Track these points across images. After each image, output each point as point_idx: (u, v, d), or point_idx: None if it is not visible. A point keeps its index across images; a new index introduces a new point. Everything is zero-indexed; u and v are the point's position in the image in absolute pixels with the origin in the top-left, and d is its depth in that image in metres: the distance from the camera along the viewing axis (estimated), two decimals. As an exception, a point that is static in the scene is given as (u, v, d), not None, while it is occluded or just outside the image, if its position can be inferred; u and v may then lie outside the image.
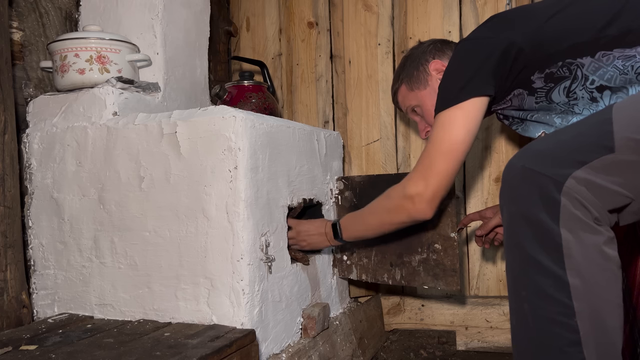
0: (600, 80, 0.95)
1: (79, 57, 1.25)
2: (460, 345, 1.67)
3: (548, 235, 0.76)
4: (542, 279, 0.76)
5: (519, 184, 0.80)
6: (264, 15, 1.99)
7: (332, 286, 1.48)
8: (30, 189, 1.29)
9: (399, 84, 1.30)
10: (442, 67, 1.21)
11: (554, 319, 0.75)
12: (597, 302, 0.75)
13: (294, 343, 1.23)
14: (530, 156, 0.81)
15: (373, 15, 1.83)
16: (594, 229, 0.75)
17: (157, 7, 1.38)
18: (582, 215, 0.74)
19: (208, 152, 1.10)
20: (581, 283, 0.74)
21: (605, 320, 0.75)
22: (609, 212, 0.76)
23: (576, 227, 0.75)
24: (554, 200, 0.75)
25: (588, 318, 0.74)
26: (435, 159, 1.03)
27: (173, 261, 1.13)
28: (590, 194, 0.74)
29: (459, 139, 1.01)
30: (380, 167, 1.81)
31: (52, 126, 1.27)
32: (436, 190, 1.04)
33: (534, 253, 0.77)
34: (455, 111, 1.01)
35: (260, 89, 1.55)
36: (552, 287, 0.75)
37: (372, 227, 1.19)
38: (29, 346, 0.98)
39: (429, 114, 1.22)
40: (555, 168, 0.77)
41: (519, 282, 0.80)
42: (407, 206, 1.07)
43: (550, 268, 0.76)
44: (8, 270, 1.15)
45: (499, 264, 1.71)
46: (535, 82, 1.02)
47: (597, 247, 0.75)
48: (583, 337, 0.74)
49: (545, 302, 0.76)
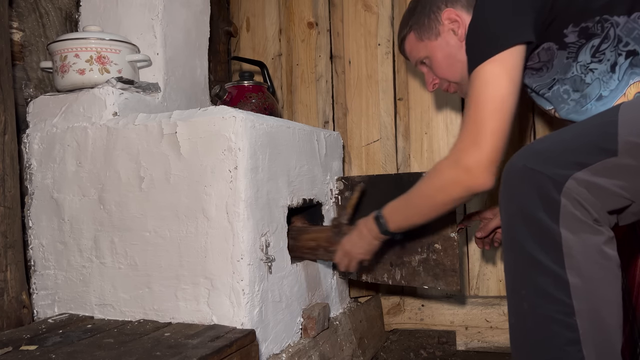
0: (635, 44, 0.91)
1: (79, 57, 1.25)
2: (460, 345, 1.67)
3: (548, 235, 0.76)
4: (541, 278, 0.76)
5: (518, 183, 0.80)
6: (264, 16, 1.99)
7: (332, 286, 1.48)
8: (31, 189, 1.29)
9: (407, 31, 1.18)
10: (456, 17, 1.10)
11: (553, 318, 0.75)
12: (596, 301, 0.75)
13: (294, 343, 1.23)
14: (531, 155, 0.80)
15: (373, 16, 1.83)
16: (594, 229, 0.75)
17: (157, 7, 1.38)
18: (581, 215, 0.74)
19: (208, 152, 1.10)
20: (581, 282, 0.74)
21: (604, 320, 0.75)
22: (609, 213, 0.76)
23: (576, 227, 0.75)
24: (554, 201, 0.75)
25: (587, 317, 0.74)
26: (483, 120, 0.91)
27: (173, 261, 1.13)
28: (590, 195, 0.74)
29: (505, 92, 0.91)
30: (380, 167, 1.81)
31: (52, 126, 1.27)
32: (492, 154, 0.92)
33: (534, 252, 0.77)
34: (493, 64, 0.91)
35: (260, 89, 1.55)
36: (551, 286, 0.75)
37: (423, 211, 1.06)
38: (29, 346, 0.98)
39: (438, 67, 1.15)
40: (556, 168, 0.76)
41: (518, 281, 0.80)
42: (463, 178, 0.94)
43: (550, 267, 0.75)
44: (8, 270, 1.15)
45: (499, 264, 1.71)
46: (569, 35, 0.95)
47: (597, 246, 0.75)
48: (582, 336, 0.74)
49: (545, 300, 0.76)
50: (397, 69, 1.80)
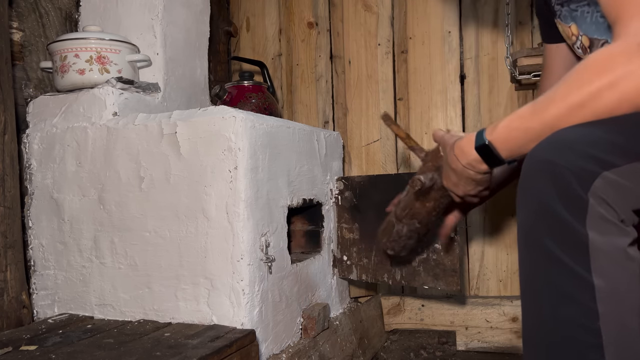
0: None
1: (79, 57, 1.25)
2: (460, 346, 1.67)
3: (573, 235, 0.71)
4: (565, 281, 0.73)
5: (541, 178, 0.74)
6: (263, 16, 1.99)
7: (332, 286, 1.48)
8: (30, 189, 1.29)
9: None
10: None
11: (576, 322, 0.72)
12: (620, 305, 0.72)
13: (294, 343, 1.23)
14: (556, 148, 0.73)
15: (373, 16, 1.83)
16: (620, 229, 0.71)
17: (157, 7, 1.38)
18: (609, 215, 0.70)
19: (208, 153, 1.10)
20: (606, 286, 0.71)
21: (627, 325, 0.72)
22: (634, 212, 0.73)
23: (603, 227, 0.71)
24: (581, 199, 0.70)
25: (612, 322, 0.71)
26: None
27: (173, 261, 1.13)
28: (618, 195, 0.70)
29: None
30: (380, 167, 1.81)
31: (52, 126, 1.27)
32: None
33: (556, 252, 0.73)
34: None
35: (260, 89, 1.55)
36: (576, 289, 0.72)
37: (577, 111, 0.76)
38: (29, 346, 0.98)
39: None
40: (584, 164, 0.71)
41: (538, 283, 0.77)
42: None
43: (574, 269, 0.72)
44: (8, 270, 1.15)
45: (499, 264, 1.71)
46: None
47: (623, 248, 0.71)
48: (605, 341, 0.70)
49: (568, 304, 0.73)
50: (397, 69, 1.80)
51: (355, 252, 1.45)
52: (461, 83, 1.75)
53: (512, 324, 1.63)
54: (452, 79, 1.75)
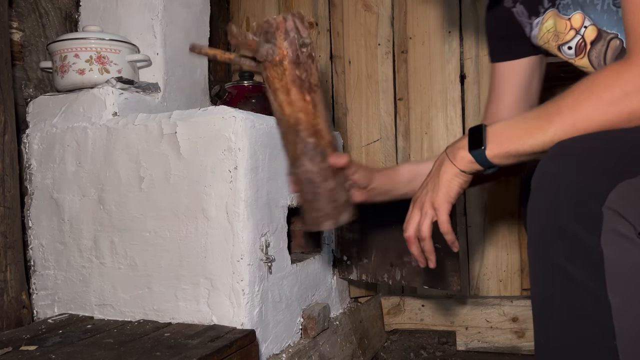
0: None
1: (79, 57, 1.25)
2: (460, 346, 1.67)
3: (587, 251, 0.69)
4: (580, 298, 0.70)
5: (552, 190, 0.71)
6: (263, 16, 1.99)
7: (332, 286, 1.48)
8: (30, 189, 1.29)
9: None
10: None
11: (592, 341, 0.70)
12: (637, 323, 0.69)
13: (294, 343, 1.23)
14: (567, 159, 0.71)
15: (373, 16, 1.83)
16: (636, 244, 0.68)
17: (157, 7, 1.38)
18: (624, 230, 0.67)
19: (208, 153, 1.10)
20: (622, 303, 0.68)
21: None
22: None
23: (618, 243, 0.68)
24: (595, 214, 0.67)
25: (629, 340, 0.68)
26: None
27: (173, 261, 1.13)
28: (633, 208, 0.68)
29: None
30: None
31: (52, 126, 1.27)
32: None
33: (569, 270, 0.70)
34: None
35: (260, 89, 1.55)
36: (591, 307, 0.69)
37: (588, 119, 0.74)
38: (29, 346, 0.98)
39: None
40: (597, 176, 0.68)
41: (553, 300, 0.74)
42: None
43: (589, 287, 0.69)
44: (8, 270, 1.15)
45: (499, 264, 1.71)
46: None
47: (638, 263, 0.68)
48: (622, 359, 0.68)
49: (584, 323, 0.70)
50: (397, 69, 1.80)
51: (355, 252, 1.45)
52: (461, 83, 1.75)
53: (512, 324, 1.63)
54: (452, 79, 1.75)
